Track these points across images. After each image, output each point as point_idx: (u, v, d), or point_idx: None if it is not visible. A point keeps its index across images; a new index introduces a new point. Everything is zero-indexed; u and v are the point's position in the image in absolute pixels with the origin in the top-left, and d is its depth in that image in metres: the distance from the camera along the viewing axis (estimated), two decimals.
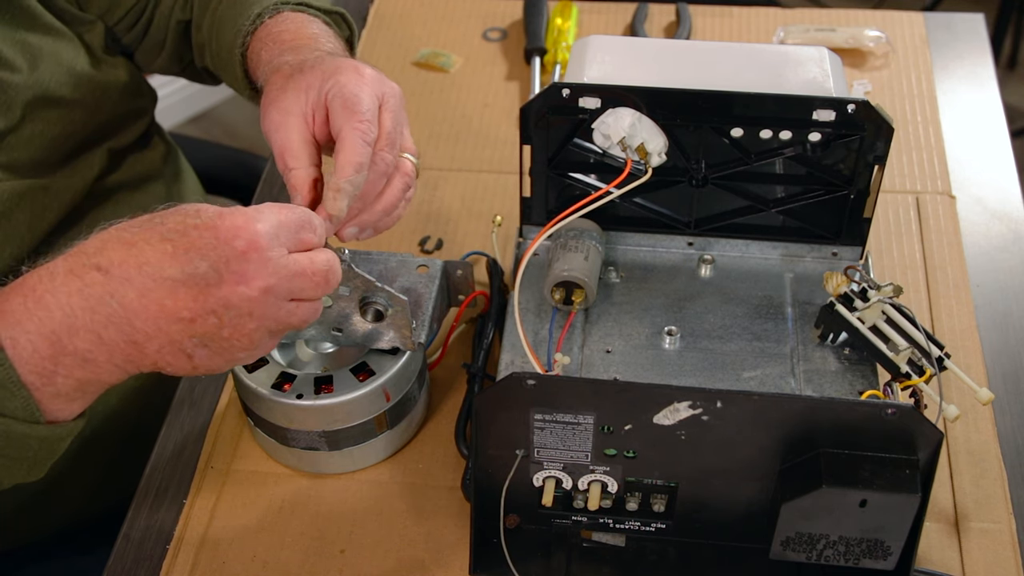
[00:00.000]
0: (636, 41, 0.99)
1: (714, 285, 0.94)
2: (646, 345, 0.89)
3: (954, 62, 1.26)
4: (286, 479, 0.89)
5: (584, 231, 0.92)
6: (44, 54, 0.94)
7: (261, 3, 0.96)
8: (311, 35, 0.92)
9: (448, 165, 1.15)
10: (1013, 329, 0.99)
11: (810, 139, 0.88)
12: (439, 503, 0.87)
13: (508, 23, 1.33)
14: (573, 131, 0.91)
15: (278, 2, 0.96)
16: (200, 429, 0.93)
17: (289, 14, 0.95)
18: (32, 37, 0.94)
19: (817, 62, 0.90)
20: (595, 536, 0.84)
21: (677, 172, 0.92)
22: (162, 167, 1.10)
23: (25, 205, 0.93)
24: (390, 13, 1.35)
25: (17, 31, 0.93)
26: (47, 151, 0.95)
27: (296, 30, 0.93)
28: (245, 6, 0.97)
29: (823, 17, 1.31)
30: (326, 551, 0.85)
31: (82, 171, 0.99)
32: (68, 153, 0.98)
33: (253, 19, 0.95)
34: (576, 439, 0.76)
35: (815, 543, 0.75)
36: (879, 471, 0.71)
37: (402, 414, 0.88)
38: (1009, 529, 0.84)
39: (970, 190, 1.11)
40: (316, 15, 0.97)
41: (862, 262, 0.95)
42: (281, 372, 0.84)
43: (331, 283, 0.71)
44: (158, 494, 0.90)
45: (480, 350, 0.91)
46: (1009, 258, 1.05)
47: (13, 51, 0.92)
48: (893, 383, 0.84)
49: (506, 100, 1.23)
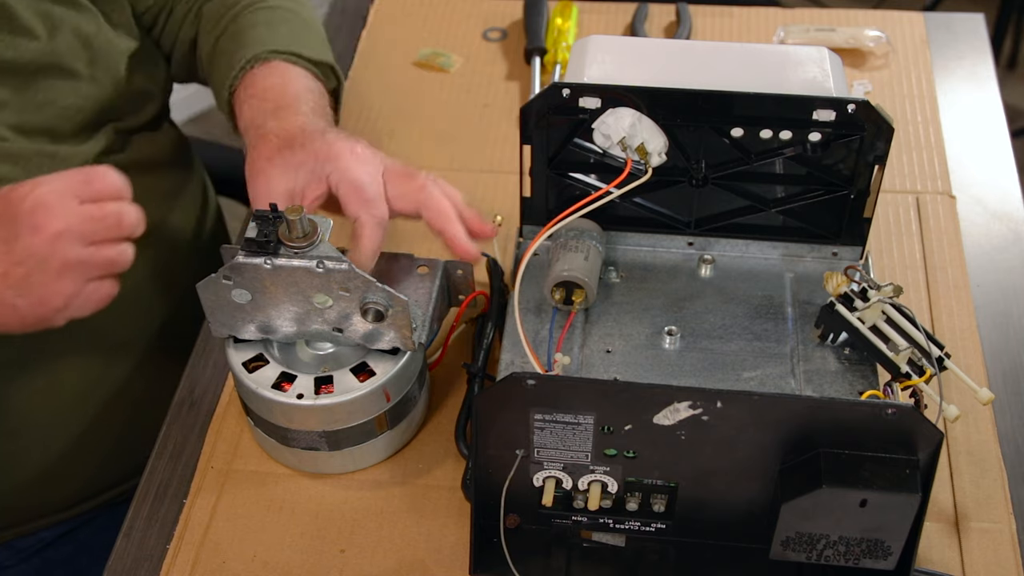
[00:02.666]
0: (636, 41, 0.99)
1: (714, 285, 0.94)
2: (646, 345, 0.89)
3: (954, 62, 1.26)
4: (286, 479, 0.89)
5: (584, 231, 0.92)
6: (64, 25, 0.96)
7: (254, 47, 0.98)
8: (294, 94, 0.95)
9: (448, 165, 1.15)
10: (1013, 329, 0.99)
11: (810, 139, 0.88)
12: (439, 503, 0.87)
13: (508, 23, 1.33)
14: (573, 131, 0.91)
15: (270, 50, 0.98)
16: (200, 429, 0.93)
17: (278, 64, 0.97)
18: (55, 8, 0.96)
19: (817, 62, 0.90)
20: (595, 536, 0.84)
21: (677, 172, 0.92)
22: (171, 153, 1.11)
23: (32, 168, 0.94)
24: (390, 13, 1.35)
25: (42, 2, 0.95)
26: (57, 119, 0.97)
27: (281, 87, 0.95)
28: (240, 46, 1.00)
29: (823, 17, 1.31)
30: (326, 551, 0.85)
31: (90, 145, 1.00)
32: (79, 125, 0.99)
33: (243, 64, 0.97)
34: (576, 439, 0.76)
35: (815, 543, 0.75)
36: (879, 471, 0.71)
37: (402, 414, 0.88)
38: (1009, 529, 0.84)
39: (970, 190, 1.11)
40: (307, 67, 0.99)
41: (862, 262, 0.95)
42: (281, 372, 0.84)
43: (123, 225, 0.78)
44: (158, 494, 0.90)
45: (480, 350, 0.91)
46: (1009, 258, 1.05)
47: (34, 19, 0.94)
48: (893, 383, 0.84)
49: (506, 100, 1.23)
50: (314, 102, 0.95)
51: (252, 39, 1.00)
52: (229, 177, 1.32)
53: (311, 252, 0.79)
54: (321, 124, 0.91)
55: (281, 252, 0.79)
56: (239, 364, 0.85)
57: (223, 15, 1.04)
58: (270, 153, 0.87)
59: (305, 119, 0.91)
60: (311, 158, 0.86)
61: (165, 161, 1.10)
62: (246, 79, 0.97)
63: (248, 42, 1.00)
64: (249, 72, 0.97)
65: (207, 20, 1.06)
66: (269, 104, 0.93)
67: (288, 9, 1.06)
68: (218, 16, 1.05)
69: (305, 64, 0.99)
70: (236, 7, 1.05)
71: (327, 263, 0.79)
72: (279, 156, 0.86)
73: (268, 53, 0.98)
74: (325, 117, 0.94)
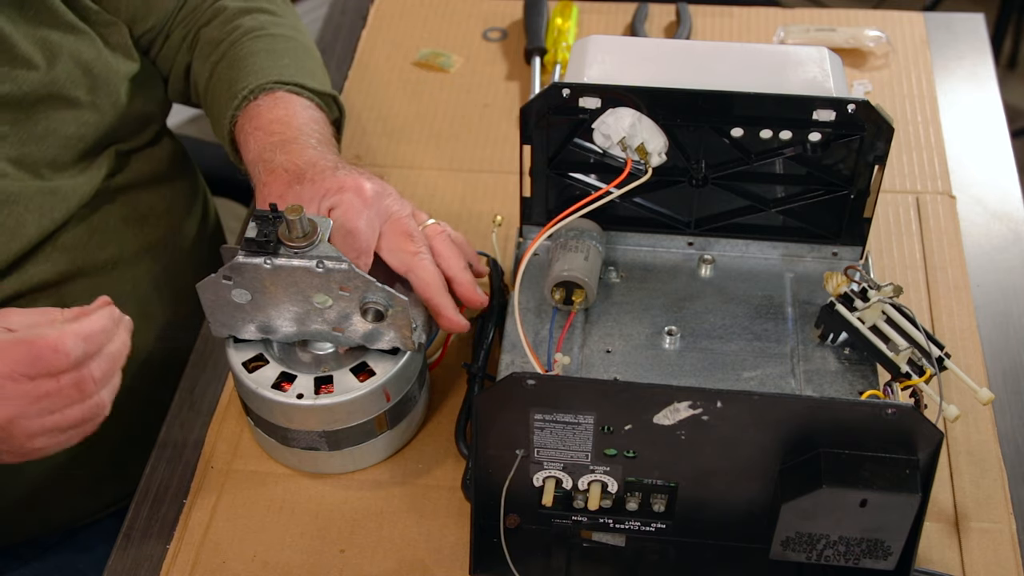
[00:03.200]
0: (636, 41, 0.99)
1: (714, 285, 0.94)
2: (646, 345, 0.89)
3: (954, 62, 1.26)
4: (286, 479, 0.89)
5: (584, 231, 0.92)
6: (63, 52, 0.95)
7: (257, 76, 0.97)
8: (299, 127, 0.93)
9: (448, 165, 1.15)
10: (1013, 329, 0.99)
11: (810, 139, 0.88)
12: (439, 503, 0.87)
13: (508, 23, 1.33)
14: (573, 131, 0.91)
15: (273, 80, 0.97)
16: (200, 429, 0.93)
17: (282, 95, 0.96)
18: (53, 35, 0.94)
19: (817, 62, 0.90)
20: (595, 536, 0.84)
21: (677, 172, 0.92)
22: (169, 166, 1.11)
23: (34, 204, 0.93)
24: (390, 13, 1.35)
25: (39, 28, 0.94)
26: (59, 149, 0.96)
27: (287, 119, 0.94)
28: (242, 74, 0.98)
29: (823, 17, 1.31)
30: (326, 551, 0.85)
31: (91, 173, 0.99)
32: (81, 153, 0.98)
33: (245, 94, 0.96)
34: (576, 439, 0.76)
35: (815, 543, 0.75)
36: (879, 471, 0.71)
37: (402, 414, 0.88)
38: (1009, 529, 0.84)
39: (970, 190, 1.11)
40: (311, 98, 0.98)
41: (862, 262, 0.95)
42: (281, 372, 0.84)
43: (86, 392, 0.73)
44: (158, 494, 0.90)
45: (480, 350, 0.91)
46: (1009, 258, 1.05)
47: (33, 48, 0.92)
48: (893, 383, 0.84)
49: (506, 100, 1.23)
50: (320, 133, 0.94)
51: (254, 68, 0.98)
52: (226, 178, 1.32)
53: (311, 252, 0.79)
54: (331, 157, 0.90)
55: (281, 252, 0.79)
56: (239, 364, 0.85)
57: (221, 40, 1.03)
58: (281, 190, 0.86)
59: (314, 152, 0.90)
60: (319, 194, 0.85)
61: (164, 175, 1.09)
62: (249, 110, 0.96)
63: (250, 71, 0.98)
64: (252, 103, 0.96)
65: (204, 44, 1.04)
66: (276, 137, 0.92)
67: (289, 37, 1.05)
68: (216, 41, 1.03)
69: (309, 95, 0.98)
70: (235, 33, 1.03)
71: (327, 263, 0.79)
72: (290, 192, 0.86)
73: (272, 84, 0.96)
74: (333, 149, 0.93)
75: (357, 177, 0.86)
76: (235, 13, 1.05)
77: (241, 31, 1.03)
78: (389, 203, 0.87)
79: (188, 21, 1.06)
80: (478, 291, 0.87)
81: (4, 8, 0.91)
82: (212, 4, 1.06)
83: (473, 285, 0.87)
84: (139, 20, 1.03)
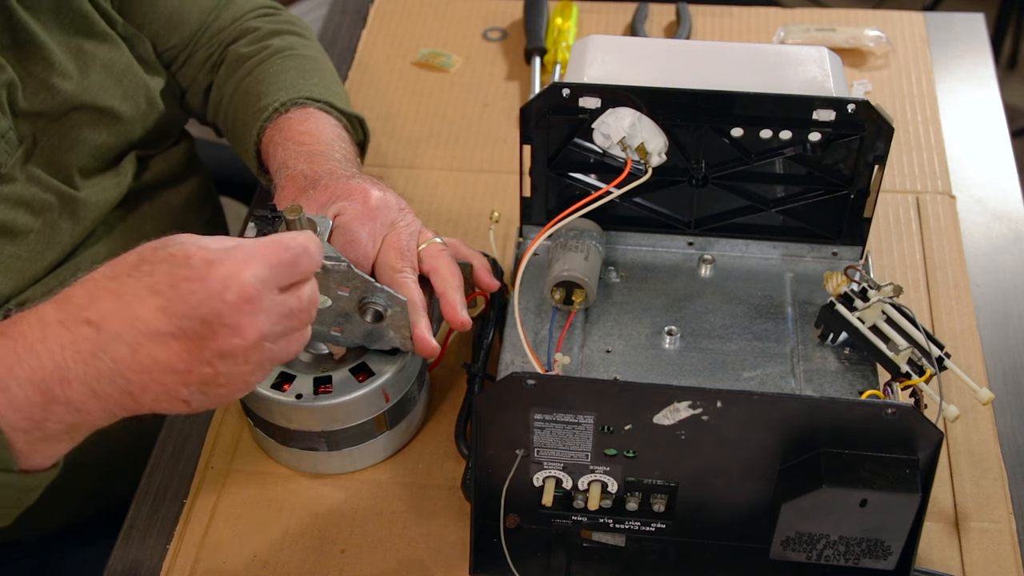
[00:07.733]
0: (636, 41, 0.99)
1: (714, 285, 0.94)
2: (646, 345, 0.89)
3: (954, 62, 1.26)
4: (286, 479, 0.89)
5: (584, 231, 0.92)
6: (96, 62, 0.96)
7: (288, 92, 0.99)
8: (327, 141, 0.95)
9: (448, 165, 1.15)
10: (1013, 329, 0.99)
11: (810, 139, 0.88)
12: (439, 503, 0.87)
13: (508, 23, 1.33)
14: (573, 131, 0.91)
15: (304, 96, 0.98)
16: (200, 429, 0.93)
17: (312, 111, 0.98)
18: (88, 44, 0.96)
19: (817, 62, 0.90)
20: (595, 536, 0.84)
21: (677, 172, 0.92)
22: (184, 166, 1.12)
23: (52, 218, 0.94)
24: (390, 13, 1.35)
25: (74, 37, 0.95)
26: (89, 158, 0.97)
27: (316, 134, 0.95)
28: (273, 87, 1.00)
29: (823, 17, 1.31)
30: (326, 551, 0.85)
31: (119, 179, 1.01)
32: (108, 161, 0.99)
33: (276, 107, 0.97)
34: (576, 439, 0.76)
35: (815, 543, 0.75)
36: (879, 471, 0.71)
37: (402, 414, 0.88)
38: (1009, 529, 0.84)
39: (970, 190, 1.11)
40: (339, 118, 1.00)
41: (862, 262, 0.95)
42: (281, 372, 0.84)
43: (309, 316, 0.70)
44: (158, 494, 0.90)
45: (480, 350, 0.91)
46: (1009, 258, 1.05)
47: (67, 57, 0.94)
48: (893, 383, 0.84)
49: (506, 100, 1.23)
50: (345, 151, 0.95)
51: (284, 84, 1.00)
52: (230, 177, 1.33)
53: None
54: (351, 170, 0.91)
55: None
56: None
57: (251, 57, 1.04)
58: (295, 194, 0.87)
59: (336, 164, 0.91)
60: (327, 199, 0.86)
61: (179, 175, 1.11)
62: (279, 122, 0.97)
63: (281, 86, 0.99)
64: (283, 115, 0.97)
65: (232, 61, 1.05)
66: (304, 148, 0.93)
67: (316, 59, 1.07)
68: (245, 58, 1.05)
69: (337, 115, 1.00)
70: (264, 52, 1.05)
71: (326, 263, 0.79)
72: (303, 196, 0.87)
73: (303, 99, 0.98)
74: (355, 165, 0.94)
75: (366, 183, 0.87)
76: (266, 34, 1.07)
77: (271, 50, 1.05)
78: (396, 216, 0.87)
79: (213, 42, 1.07)
80: (462, 313, 0.85)
81: (41, 16, 0.92)
82: (241, 24, 1.08)
83: (457, 307, 0.85)
84: (162, 37, 1.05)
